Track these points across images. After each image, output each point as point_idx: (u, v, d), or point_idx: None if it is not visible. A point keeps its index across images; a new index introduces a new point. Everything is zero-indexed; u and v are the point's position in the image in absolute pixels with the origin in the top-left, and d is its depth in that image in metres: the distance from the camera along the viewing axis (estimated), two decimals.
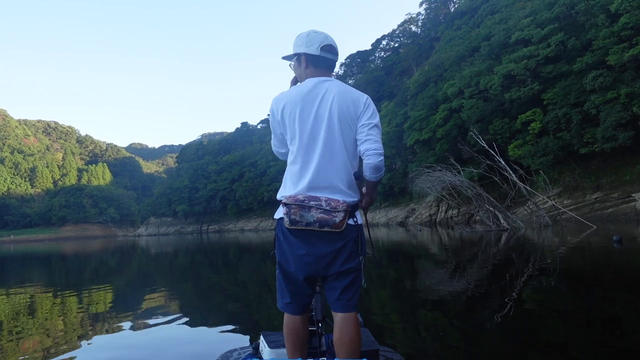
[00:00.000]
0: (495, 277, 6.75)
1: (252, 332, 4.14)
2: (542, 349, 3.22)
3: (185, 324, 4.79)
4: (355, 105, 2.03)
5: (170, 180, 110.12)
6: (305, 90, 2.05)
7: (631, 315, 4.07)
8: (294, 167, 2.07)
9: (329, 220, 1.92)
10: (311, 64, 2.11)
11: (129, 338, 4.36)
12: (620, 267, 7.21)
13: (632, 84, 23.90)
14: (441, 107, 36.92)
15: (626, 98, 23.87)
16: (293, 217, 1.94)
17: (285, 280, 2.08)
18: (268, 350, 2.38)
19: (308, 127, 2.02)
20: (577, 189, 28.41)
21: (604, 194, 27.06)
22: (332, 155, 2.00)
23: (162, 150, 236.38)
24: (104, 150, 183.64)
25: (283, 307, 2.11)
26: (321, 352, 2.23)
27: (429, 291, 5.80)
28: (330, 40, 2.13)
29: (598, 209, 25.99)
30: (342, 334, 1.96)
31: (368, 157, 1.96)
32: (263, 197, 71.14)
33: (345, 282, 1.99)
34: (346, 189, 2.01)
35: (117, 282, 9.78)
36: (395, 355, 2.60)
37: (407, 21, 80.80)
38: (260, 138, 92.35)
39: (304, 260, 1.98)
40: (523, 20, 31.96)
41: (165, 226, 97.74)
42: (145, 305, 6.40)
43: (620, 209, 25.50)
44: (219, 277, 9.61)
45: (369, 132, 1.99)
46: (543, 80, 28.80)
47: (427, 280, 6.88)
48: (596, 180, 27.63)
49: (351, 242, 1.98)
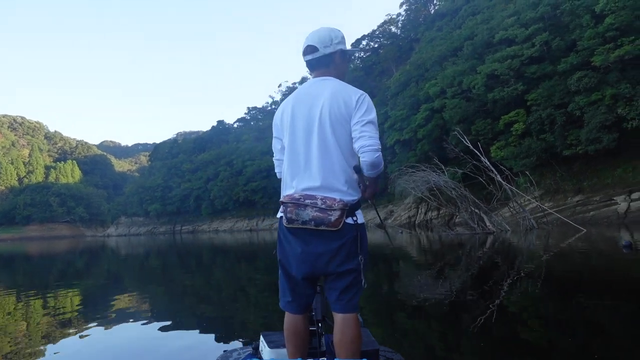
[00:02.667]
0: (505, 285, 6.02)
1: (251, 332, 4.11)
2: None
3: (165, 328, 4.65)
4: (347, 104, 2.00)
5: (143, 179, 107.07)
6: (302, 92, 2.10)
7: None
8: (291, 167, 2.07)
9: (325, 218, 1.91)
10: (309, 68, 2.17)
11: (100, 342, 4.15)
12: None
13: (617, 85, 23.60)
14: (423, 106, 36.29)
15: (611, 99, 23.55)
16: (289, 215, 1.96)
17: (286, 279, 2.09)
18: (268, 350, 2.37)
19: (302, 129, 2.03)
20: (559, 191, 28.17)
21: (585, 196, 26.87)
22: (327, 155, 1.99)
23: (136, 149, 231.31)
24: (73, 147, 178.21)
25: (284, 306, 2.12)
26: (321, 352, 2.21)
27: (414, 294, 5.69)
28: (308, 40, 2.11)
29: (580, 212, 25.74)
30: (343, 335, 1.94)
31: (363, 154, 1.93)
32: (239, 197, 69.53)
33: (344, 282, 1.97)
34: (344, 188, 1.99)
35: (85, 285, 9.40)
36: (395, 355, 2.58)
37: (387, 22, 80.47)
38: (237, 137, 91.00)
39: (301, 259, 1.99)
40: (507, 19, 31.62)
41: (137, 226, 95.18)
42: (116, 306, 6.21)
43: (602, 212, 25.31)
44: (192, 280, 9.34)
45: (363, 128, 1.95)
46: (527, 80, 28.41)
47: (417, 283, 6.59)
48: (578, 183, 27.43)
49: (350, 242, 1.96)
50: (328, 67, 2.10)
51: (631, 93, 22.94)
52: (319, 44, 2.08)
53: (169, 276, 10.46)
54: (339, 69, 2.14)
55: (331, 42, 2.09)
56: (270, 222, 65.53)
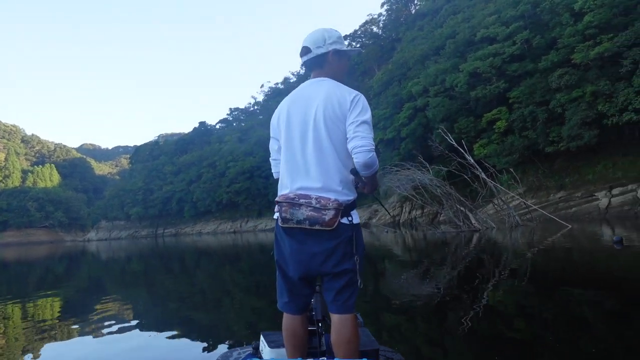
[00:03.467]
0: (497, 282, 5.82)
1: (250, 332, 4.06)
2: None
3: (151, 331, 4.62)
4: (342, 105, 1.99)
5: (123, 182, 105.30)
6: (298, 93, 2.12)
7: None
8: (286, 168, 2.08)
9: (319, 218, 1.91)
10: (307, 69, 2.17)
11: (83, 348, 4.00)
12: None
13: (596, 82, 23.88)
14: (406, 105, 36.33)
15: (591, 96, 23.83)
16: (284, 215, 1.96)
17: (283, 280, 2.09)
18: (268, 350, 2.37)
19: (297, 129, 2.05)
20: (541, 188, 28.45)
21: (567, 193, 27.18)
22: (322, 156, 1.99)
23: (116, 151, 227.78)
24: (52, 150, 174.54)
25: (282, 307, 2.12)
26: (321, 352, 2.19)
27: (403, 293, 5.63)
28: (304, 42, 2.12)
29: (562, 208, 26.01)
30: (339, 335, 1.94)
31: (356, 154, 1.91)
32: (222, 199, 68.68)
33: (340, 283, 1.96)
34: (339, 188, 1.99)
35: (65, 291, 9.06)
36: (395, 355, 2.57)
37: (369, 22, 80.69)
38: (219, 138, 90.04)
39: (296, 259, 1.99)
40: (488, 18, 31.85)
41: (118, 230, 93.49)
42: (97, 313, 5.96)
43: (584, 208, 25.62)
44: (175, 284, 9.21)
45: (356, 129, 1.94)
46: (509, 78, 28.63)
47: (403, 283, 6.32)
48: (559, 180, 27.73)
49: (345, 242, 1.94)
50: (322, 68, 2.11)
51: (611, 90, 23.25)
52: (311, 45, 2.09)
53: (151, 280, 10.28)
54: (335, 69, 2.13)
55: (324, 43, 2.09)
56: (254, 223, 64.95)
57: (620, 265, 6.97)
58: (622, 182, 24.13)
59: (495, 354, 3.13)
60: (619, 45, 22.92)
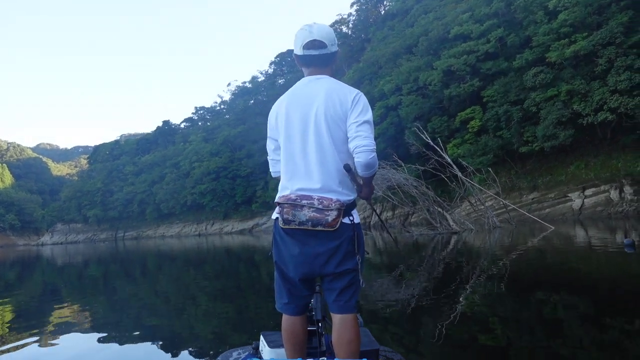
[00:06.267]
0: (507, 288, 5.02)
1: (250, 332, 3.95)
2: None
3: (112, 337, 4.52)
4: (343, 104, 1.96)
5: (81, 183, 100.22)
6: (296, 91, 2.06)
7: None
8: (287, 168, 2.03)
9: (322, 219, 1.88)
10: (301, 64, 2.08)
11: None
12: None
13: (572, 81, 23.57)
14: (377, 104, 35.44)
15: (566, 95, 23.51)
16: (286, 216, 1.92)
17: (282, 281, 2.06)
18: (268, 350, 2.36)
19: (297, 129, 2.00)
20: (514, 189, 28.14)
21: (540, 194, 26.93)
22: (323, 156, 1.96)
23: (75, 152, 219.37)
24: (4, 149, 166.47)
25: (281, 308, 2.09)
26: (321, 352, 2.17)
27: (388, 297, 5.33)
28: (315, 34, 2.00)
29: (536, 209, 25.70)
30: (341, 335, 1.92)
31: (358, 154, 1.88)
32: (186, 201, 66.08)
33: (342, 283, 1.95)
34: (340, 188, 1.97)
35: (17, 298, 8.57)
36: (396, 355, 2.55)
37: (338, 22, 79.86)
38: (184, 137, 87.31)
39: (298, 260, 1.95)
40: (461, 15, 31.37)
41: (75, 233, 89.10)
42: (54, 319, 5.79)
43: (557, 209, 25.39)
44: (136, 288, 9.10)
45: (358, 129, 1.91)
46: (483, 77, 28.18)
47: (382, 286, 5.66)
48: (532, 181, 27.47)
49: (347, 242, 1.92)
50: (327, 66, 2.06)
51: (586, 89, 22.97)
52: (327, 41, 2.01)
53: (111, 285, 10.10)
54: (334, 68, 2.11)
55: (335, 42, 2.05)
56: (220, 225, 62.96)
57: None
58: (594, 183, 23.98)
59: (496, 353, 3.04)
60: (594, 43, 22.67)
